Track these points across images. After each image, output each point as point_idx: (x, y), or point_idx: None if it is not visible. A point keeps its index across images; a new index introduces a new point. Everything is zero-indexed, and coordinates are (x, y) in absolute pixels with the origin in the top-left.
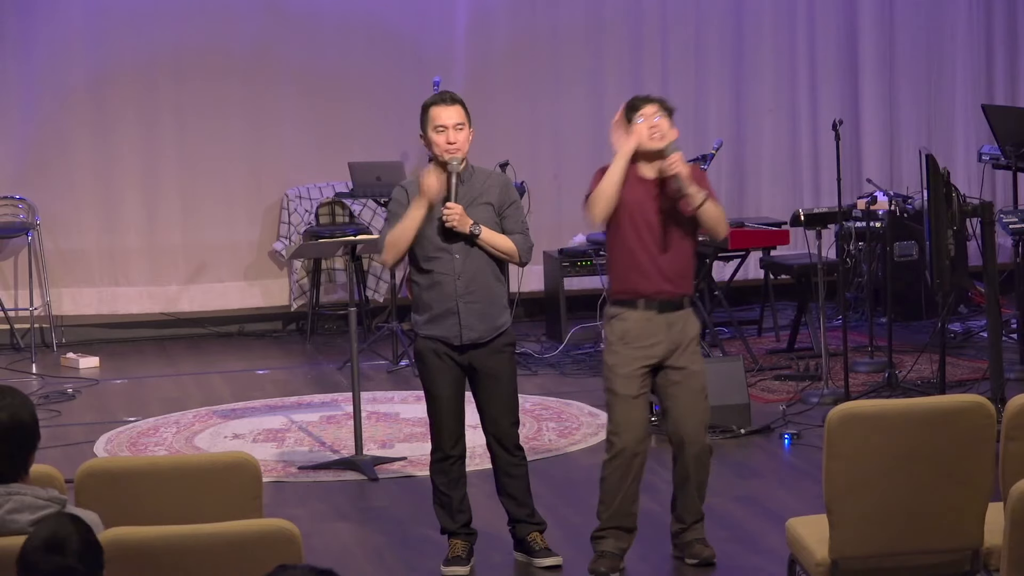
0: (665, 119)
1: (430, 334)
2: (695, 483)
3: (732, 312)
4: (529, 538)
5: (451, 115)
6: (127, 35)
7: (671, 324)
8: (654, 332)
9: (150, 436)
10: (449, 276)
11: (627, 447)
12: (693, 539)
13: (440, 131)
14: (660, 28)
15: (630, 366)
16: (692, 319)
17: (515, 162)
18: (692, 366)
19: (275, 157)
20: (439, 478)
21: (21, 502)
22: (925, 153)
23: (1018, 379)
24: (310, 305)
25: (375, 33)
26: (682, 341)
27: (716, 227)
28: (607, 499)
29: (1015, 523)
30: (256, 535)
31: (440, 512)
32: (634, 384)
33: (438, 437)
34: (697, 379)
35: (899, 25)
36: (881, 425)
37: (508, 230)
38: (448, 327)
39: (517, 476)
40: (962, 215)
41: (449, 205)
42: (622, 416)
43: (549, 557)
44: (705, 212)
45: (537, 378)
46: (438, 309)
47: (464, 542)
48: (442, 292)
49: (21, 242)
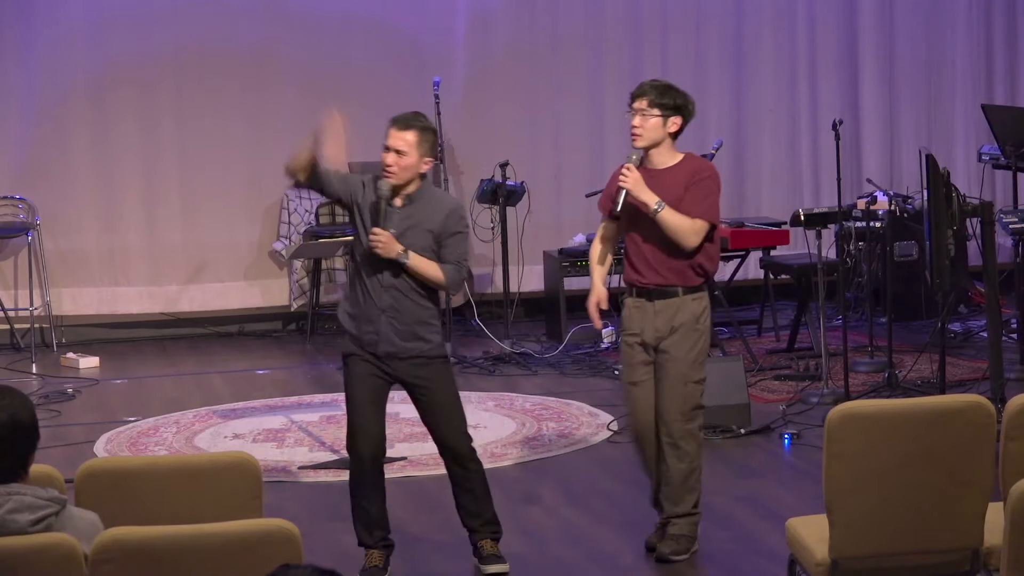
0: (650, 117)
1: (348, 329)
2: (674, 472)
3: (732, 312)
4: (479, 544)
5: (398, 139)
6: (127, 35)
7: (659, 312)
8: (640, 319)
9: (150, 436)
10: (377, 286)
11: (635, 431)
12: (670, 533)
13: (385, 151)
14: (660, 28)
15: (626, 353)
16: (686, 309)
17: (515, 162)
18: (673, 352)
19: (275, 157)
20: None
21: (21, 502)
22: (925, 153)
23: (1018, 379)
24: (310, 305)
25: (375, 33)
26: (668, 329)
27: (676, 237)
28: (647, 464)
29: (1015, 523)
30: (256, 535)
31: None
32: (635, 371)
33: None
34: (675, 365)
35: (899, 25)
36: (881, 425)
37: (442, 258)
38: (365, 332)
39: (468, 489)
40: (962, 215)
41: (376, 231)
42: (627, 402)
43: (495, 564)
44: (661, 221)
45: (537, 378)
46: (362, 311)
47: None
48: (368, 297)
49: (21, 242)
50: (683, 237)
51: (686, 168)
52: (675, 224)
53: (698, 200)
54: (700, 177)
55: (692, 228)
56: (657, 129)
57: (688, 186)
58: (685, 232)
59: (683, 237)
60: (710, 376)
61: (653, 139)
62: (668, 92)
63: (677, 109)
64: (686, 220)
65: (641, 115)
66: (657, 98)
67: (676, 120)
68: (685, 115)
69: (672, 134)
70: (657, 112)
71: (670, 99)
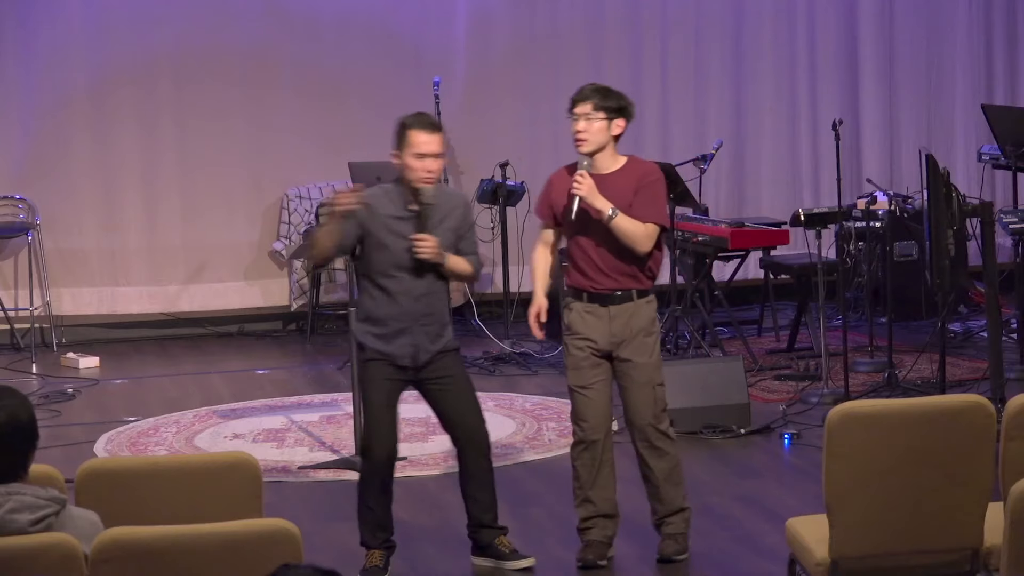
0: (596, 120)
1: (381, 350)
2: (656, 472)
3: (732, 312)
4: (496, 542)
5: (432, 144)
6: (127, 35)
7: (613, 317)
8: (594, 324)
9: (150, 436)
10: (408, 297)
11: (585, 436)
12: (666, 532)
13: (420, 158)
14: (660, 28)
15: (574, 356)
16: (641, 313)
17: (515, 162)
18: (636, 359)
19: (275, 157)
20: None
21: (21, 502)
22: (925, 153)
23: (1018, 379)
24: (310, 305)
25: (375, 33)
26: (627, 334)
27: (629, 243)
28: (581, 485)
29: (1015, 523)
30: (256, 535)
31: (361, 525)
32: (581, 375)
33: (367, 446)
34: (641, 371)
35: (899, 25)
36: (881, 425)
37: (463, 251)
38: (400, 346)
39: (487, 482)
40: (962, 215)
41: (423, 237)
42: (576, 406)
43: (523, 559)
44: (614, 228)
45: (537, 378)
46: (392, 327)
47: (382, 552)
48: (400, 311)
49: (21, 242)
50: (636, 242)
51: (632, 171)
52: (629, 231)
53: (648, 204)
54: (648, 180)
55: (645, 233)
56: (602, 132)
57: (637, 190)
58: (639, 238)
59: (636, 242)
60: (710, 376)
61: (599, 143)
62: (610, 95)
63: (620, 111)
64: (640, 226)
65: (586, 119)
66: (601, 101)
67: (620, 122)
68: (627, 117)
69: (615, 137)
70: (602, 115)
71: (613, 101)
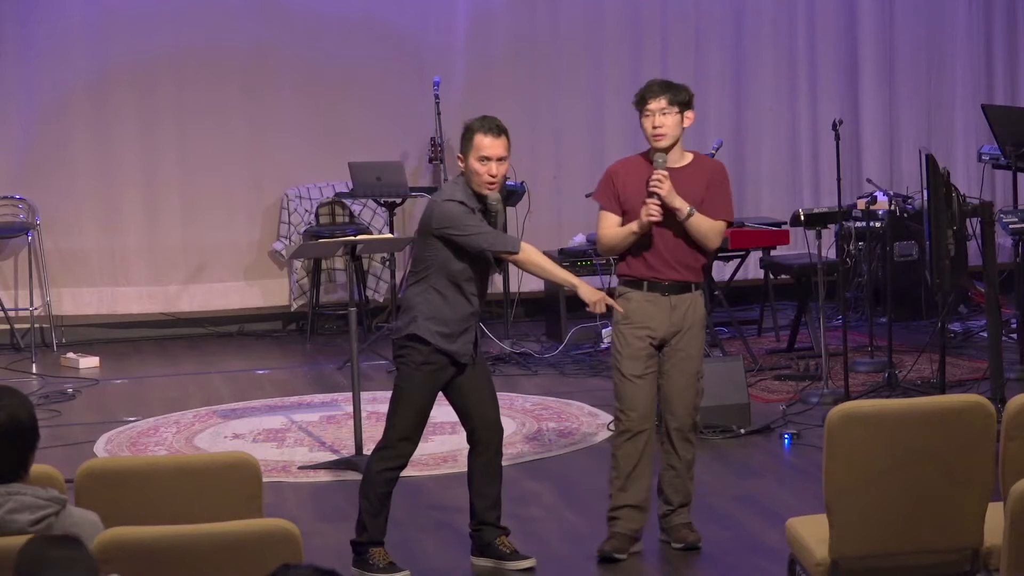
0: (671, 115)
1: (445, 349)
2: (683, 463)
3: (732, 312)
4: (497, 542)
5: (497, 148)
6: (127, 35)
7: (674, 307)
8: (655, 314)
9: (150, 436)
10: (476, 297)
11: (632, 426)
12: (679, 523)
13: (484, 162)
14: (660, 28)
15: (632, 346)
16: (698, 305)
17: (515, 162)
18: (690, 350)
19: (275, 157)
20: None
21: (21, 502)
22: (925, 153)
23: (1018, 379)
24: (310, 305)
25: (375, 33)
26: (684, 325)
27: (703, 240)
28: (619, 474)
29: (1015, 523)
30: (256, 535)
31: (374, 522)
32: (638, 364)
33: (400, 441)
34: (691, 363)
35: (899, 25)
36: (881, 425)
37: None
38: (463, 343)
39: (497, 478)
40: (962, 215)
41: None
42: (627, 395)
43: (523, 560)
44: (690, 226)
45: (537, 378)
46: (459, 327)
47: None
48: (466, 311)
49: (21, 242)
50: (709, 240)
51: (701, 168)
52: (704, 229)
53: (719, 201)
54: (719, 178)
55: (718, 230)
56: (677, 127)
57: (708, 186)
58: (712, 235)
59: (709, 240)
60: (710, 376)
61: (674, 137)
62: (679, 89)
63: (688, 104)
64: (713, 224)
65: (661, 114)
66: (673, 96)
67: (689, 115)
68: (693, 108)
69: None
70: (676, 110)
71: (683, 95)
